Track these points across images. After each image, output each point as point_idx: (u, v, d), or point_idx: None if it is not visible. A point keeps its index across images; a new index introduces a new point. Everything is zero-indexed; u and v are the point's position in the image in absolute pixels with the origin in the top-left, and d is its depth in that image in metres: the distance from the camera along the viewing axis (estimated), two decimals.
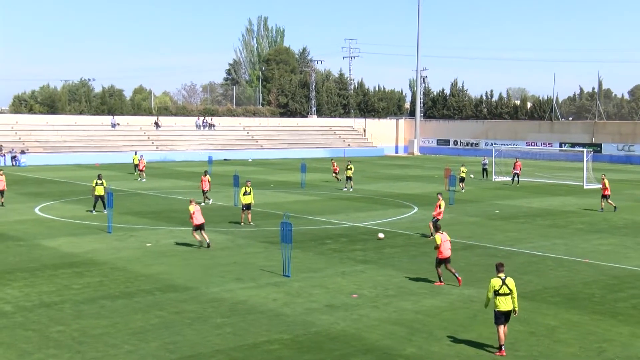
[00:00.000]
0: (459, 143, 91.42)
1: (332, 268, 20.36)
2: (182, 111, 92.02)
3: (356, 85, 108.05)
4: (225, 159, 72.20)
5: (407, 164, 70.80)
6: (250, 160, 73.37)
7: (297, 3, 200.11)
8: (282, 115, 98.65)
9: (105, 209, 28.36)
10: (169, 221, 28.91)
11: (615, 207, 33.29)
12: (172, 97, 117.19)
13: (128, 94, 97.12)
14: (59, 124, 73.50)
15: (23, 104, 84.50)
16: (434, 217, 25.20)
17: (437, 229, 18.82)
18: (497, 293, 13.15)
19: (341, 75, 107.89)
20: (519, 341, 13.76)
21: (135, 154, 55.45)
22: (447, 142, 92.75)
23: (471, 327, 14.72)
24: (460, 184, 41.28)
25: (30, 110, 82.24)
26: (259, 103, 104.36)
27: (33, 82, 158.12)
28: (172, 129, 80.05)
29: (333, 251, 23.00)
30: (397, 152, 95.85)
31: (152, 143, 75.63)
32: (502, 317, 13.18)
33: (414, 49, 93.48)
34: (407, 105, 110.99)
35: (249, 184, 28.70)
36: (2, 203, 32.91)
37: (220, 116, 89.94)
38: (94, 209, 30.84)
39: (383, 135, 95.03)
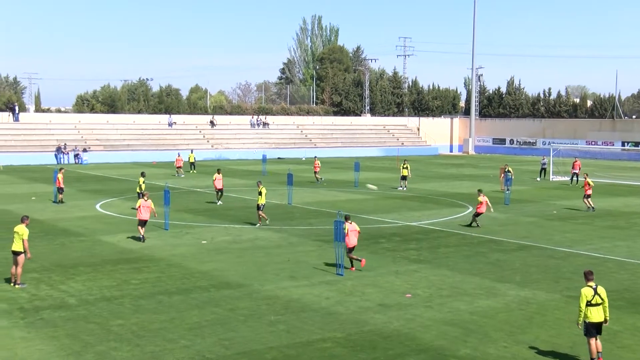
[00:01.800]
0: (515, 142, 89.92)
1: (386, 267, 20.32)
2: (236, 110, 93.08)
3: (410, 83, 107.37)
4: (279, 158, 72.72)
5: (462, 163, 70.01)
6: (303, 159, 73.70)
7: (352, 2, 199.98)
8: (335, 114, 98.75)
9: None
10: (223, 219, 29.30)
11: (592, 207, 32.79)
12: (227, 96, 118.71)
13: (184, 93, 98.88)
14: (119, 123, 75.29)
15: (85, 104, 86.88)
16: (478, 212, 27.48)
17: (346, 218, 19.45)
18: (589, 303, 12.30)
19: (395, 73, 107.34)
20: (578, 345, 13.47)
21: (192, 152, 56.41)
22: (502, 141, 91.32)
23: (528, 330, 14.48)
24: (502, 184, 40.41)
25: (92, 110, 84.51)
26: (313, 102, 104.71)
27: (95, 82, 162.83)
28: (227, 127, 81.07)
29: (386, 250, 22.95)
30: (451, 151, 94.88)
31: (208, 141, 76.73)
32: (594, 330, 12.35)
33: (469, 47, 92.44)
34: (462, 103, 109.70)
35: (260, 184, 28.27)
36: (62, 200, 33.77)
37: (274, 115, 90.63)
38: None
39: (437, 134, 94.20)
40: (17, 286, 17.25)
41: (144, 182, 32.39)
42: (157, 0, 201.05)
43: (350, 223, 19.60)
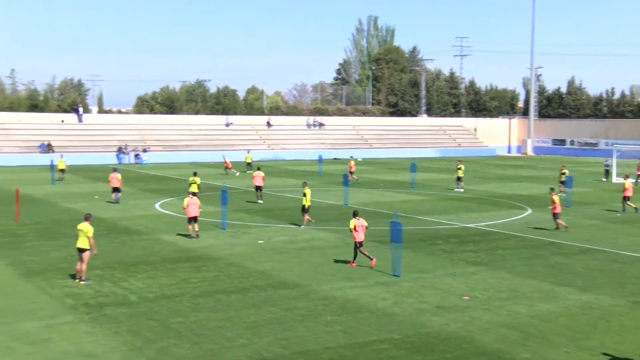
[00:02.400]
0: (575, 143, 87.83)
1: (443, 269, 20.13)
2: (293, 111, 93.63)
3: (467, 84, 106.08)
4: (335, 158, 72.81)
5: (520, 164, 68.78)
6: (359, 159, 73.64)
7: (408, 2, 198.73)
8: (391, 114, 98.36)
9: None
10: (279, 219, 29.50)
11: (636, 208, 31.95)
12: (283, 96, 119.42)
13: (241, 94, 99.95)
14: (177, 124, 76.71)
15: (145, 105, 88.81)
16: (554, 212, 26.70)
17: (354, 214, 20.17)
18: None
19: (452, 74, 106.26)
20: None
21: (248, 153, 57.03)
22: (562, 142, 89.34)
23: (592, 336, 14.11)
24: (562, 186, 39.40)
25: (152, 111, 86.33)
26: (369, 102, 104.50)
27: (154, 84, 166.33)
28: (283, 128, 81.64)
29: (443, 252, 22.73)
30: (509, 152, 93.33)
31: (264, 142, 77.42)
32: None
33: (528, 47, 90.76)
34: (521, 104, 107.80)
35: (305, 185, 28.27)
36: (118, 200, 34.37)
37: (330, 115, 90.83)
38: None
39: (495, 134, 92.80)
40: (81, 282, 17.75)
41: (193, 182, 32.62)
42: (214, 3, 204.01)
43: (358, 219, 20.10)
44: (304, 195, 27.35)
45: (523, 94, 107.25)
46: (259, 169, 36.08)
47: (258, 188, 35.07)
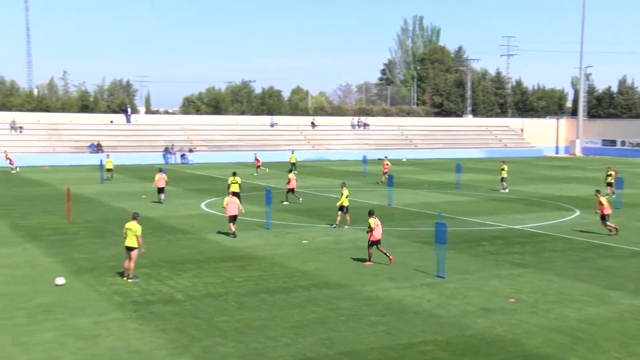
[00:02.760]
0: (627, 144, 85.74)
1: (488, 270, 19.88)
2: (337, 111, 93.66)
3: (514, 83, 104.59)
4: (379, 159, 72.56)
5: (568, 165, 67.50)
6: (404, 160, 73.26)
7: (454, 2, 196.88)
8: (436, 114, 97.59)
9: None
10: (323, 219, 29.53)
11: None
12: (327, 97, 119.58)
13: (286, 94, 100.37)
14: (223, 124, 77.47)
15: (191, 105, 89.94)
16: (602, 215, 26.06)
17: (370, 214, 20.51)
18: None
19: (498, 73, 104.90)
20: None
21: (293, 153, 57.29)
22: (613, 142, 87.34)
23: None
24: (609, 188, 38.43)
25: (198, 111, 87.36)
26: (414, 103, 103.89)
27: (200, 84, 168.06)
28: (327, 128, 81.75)
29: (489, 253, 22.45)
30: (557, 152, 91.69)
31: (309, 142, 77.64)
32: None
33: (577, 45, 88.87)
34: (569, 104, 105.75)
35: (343, 186, 28.10)
36: (160, 200, 34.77)
37: (374, 116, 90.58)
38: None
39: (542, 135, 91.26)
40: (129, 280, 18.07)
41: (232, 182, 32.77)
42: (260, 4, 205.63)
43: (375, 218, 20.48)
44: (342, 195, 27.34)
45: (572, 93, 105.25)
46: (291, 170, 36.19)
47: (291, 190, 35.21)
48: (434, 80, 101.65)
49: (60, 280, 17.80)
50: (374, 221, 20.45)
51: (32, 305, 15.80)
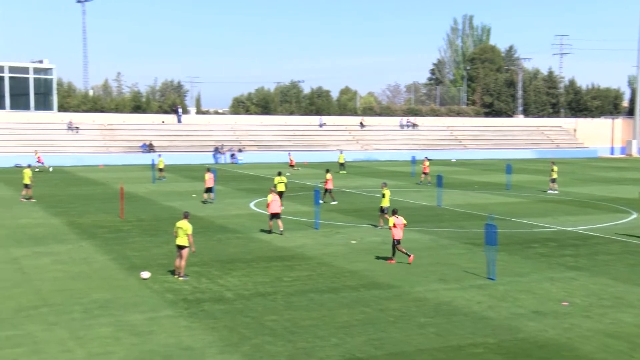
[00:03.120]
0: None
1: (540, 273, 19.55)
2: (386, 111, 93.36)
3: (567, 83, 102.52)
4: (420, 159, 72.07)
5: (624, 166, 65.82)
6: (453, 160, 72.58)
7: (505, 0, 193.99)
8: (486, 115, 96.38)
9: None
10: (372, 219, 29.46)
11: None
12: (376, 97, 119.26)
13: (335, 94, 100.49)
14: (272, 124, 78.00)
15: (241, 106, 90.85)
16: None
17: (393, 212, 20.87)
18: None
19: (550, 73, 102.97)
20: None
21: (341, 153, 57.33)
22: None
23: None
24: None
25: (247, 111, 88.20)
26: (463, 103, 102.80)
27: (250, 85, 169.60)
28: (376, 128, 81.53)
29: (540, 255, 22.07)
30: (612, 153, 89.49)
31: (357, 142, 77.57)
32: None
33: (634, 43, 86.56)
34: (625, 103, 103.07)
35: (384, 186, 27.87)
36: (210, 199, 35.06)
37: (423, 116, 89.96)
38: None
39: (596, 135, 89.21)
40: (180, 278, 18.36)
41: (279, 182, 33.01)
42: (308, 5, 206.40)
43: (397, 217, 20.73)
44: (383, 195, 27.21)
45: (628, 93, 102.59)
46: (328, 171, 36.11)
47: (328, 190, 35.14)
48: (484, 80, 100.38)
49: (145, 274, 18.36)
50: (393, 220, 20.67)
51: (88, 300, 16.21)
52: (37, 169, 52.83)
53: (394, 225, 20.67)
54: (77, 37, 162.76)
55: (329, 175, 35.29)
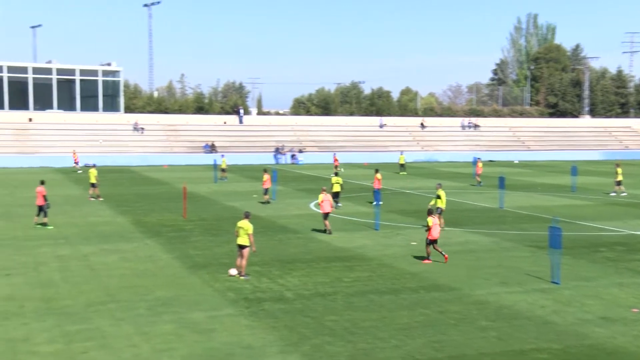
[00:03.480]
0: None
1: (607, 278, 19.00)
2: (447, 112, 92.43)
3: (637, 82, 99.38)
4: (490, 160, 71.00)
5: None
6: (516, 161, 71.27)
7: None
8: (551, 115, 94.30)
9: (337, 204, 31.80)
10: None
11: None
12: (437, 98, 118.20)
13: (395, 95, 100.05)
14: (332, 125, 78.19)
15: (301, 106, 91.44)
16: None
17: (428, 213, 21.10)
18: None
19: (619, 72, 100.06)
20: None
21: (402, 154, 57.03)
22: None
23: None
24: None
25: (308, 112, 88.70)
26: (527, 103, 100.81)
27: (310, 86, 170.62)
28: (436, 129, 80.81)
29: (607, 260, 21.44)
30: None
31: (417, 143, 77.02)
32: None
33: None
34: None
35: (439, 187, 27.59)
36: (269, 200, 35.28)
37: (485, 117, 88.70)
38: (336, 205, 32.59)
39: None
40: (241, 277, 18.60)
41: (335, 182, 33.06)
42: (369, 5, 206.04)
43: (434, 217, 21.03)
44: (438, 197, 26.89)
45: None
46: (377, 171, 35.86)
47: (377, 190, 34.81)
48: (548, 80, 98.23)
49: (233, 271, 18.84)
50: (432, 220, 20.81)
51: (152, 298, 16.59)
52: (79, 170, 54.15)
53: (429, 226, 20.78)
54: (143, 39, 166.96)
55: (379, 176, 35.18)
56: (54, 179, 46.66)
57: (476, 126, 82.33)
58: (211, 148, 67.62)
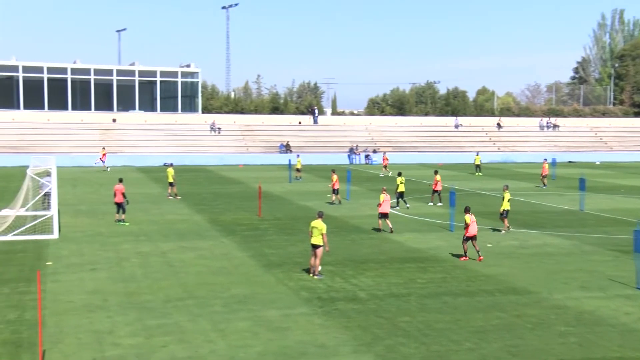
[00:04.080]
0: None
1: None
2: (525, 112, 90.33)
3: None
4: (569, 161, 68.96)
5: None
6: (597, 162, 68.96)
7: None
8: (636, 115, 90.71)
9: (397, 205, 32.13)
10: (509, 223, 28.59)
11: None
12: (515, 97, 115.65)
13: (471, 95, 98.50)
14: (406, 125, 77.64)
15: (376, 107, 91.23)
16: None
17: (466, 211, 21.35)
18: None
19: None
20: None
21: (477, 155, 56.07)
22: None
23: None
24: None
25: (382, 112, 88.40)
26: (610, 102, 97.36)
27: (385, 86, 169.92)
28: (514, 129, 79.07)
29: None
30: None
31: (494, 144, 75.58)
32: None
33: None
34: None
35: (506, 189, 26.95)
36: (333, 202, 35.13)
37: (565, 116, 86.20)
38: (397, 205, 32.80)
39: None
40: (315, 277, 18.74)
41: (400, 182, 32.99)
42: (443, 5, 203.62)
43: (471, 214, 21.25)
44: (504, 199, 26.33)
45: None
46: (437, 172, 35.42)
47: (437, 192, 34.51)
48: (634, 78, 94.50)
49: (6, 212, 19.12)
50: (469, 217, 21.05)
51: (228, 295, 16.93)
52: (107, 168, 54.22)
53: (467, 223, 20.94)
54: (221, 41, 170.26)
55: (438, 177, 34.70)
56: (135, 177, 48.19)
57: (555, 126, 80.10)
58: (286, 148, 68.32)
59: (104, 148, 57.08)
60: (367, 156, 67.99)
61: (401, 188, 32.45)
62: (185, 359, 12.61)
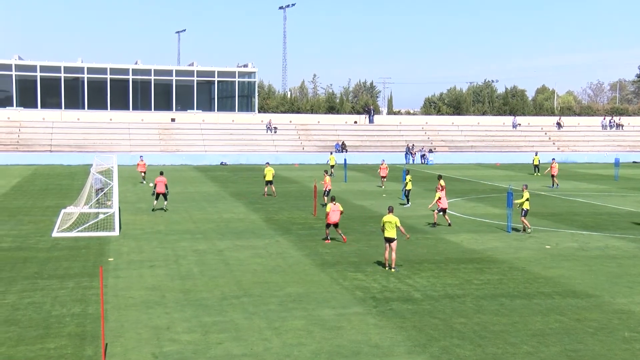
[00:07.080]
0: None
1: None
2: (586, 111, 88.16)
3: None
4: (634, 162, 66.98)
5: None
6: None
7: None
8: None
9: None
10: (569, 224, 27.98)
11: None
12: (576, 96, 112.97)
13: (530, 94, 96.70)
14: (463, 124, 76.71)
15: (432, 106, 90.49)
16: None
17: (331, 199, 23.61)
18: None
19: None
20: None
21: (536, 155, 55.00)
22: None
23: None
24: None
25: (438, 112, 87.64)
26: None
27: (441, 85, 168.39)
28: (574, 129, 77.27)
29: None
30: None
31: (553, 143, 74.01)
32: None
33: None
34: None
35: (525, 188, 26.81)
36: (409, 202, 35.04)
37: (629, 116, 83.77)
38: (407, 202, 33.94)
39: None
40: (392, 270, 19.22)
41: (410, 181, 34.18)
42: (501, 4, 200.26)
43: (334, 204, 23.25)
44: (522, 197, 25.91)
45: None
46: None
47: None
48: None
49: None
50: (330, 206, 23.14)
51: (283, 293, 17.04)
52: (144, 181, 43.57)
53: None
54: (278, 41, 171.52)
55: (442, 182, 33.90)
56: (192, 176, 48.91)
57: (619, 126, 77.86)
58: (342, 147, 68.34)
59: (141, 157, 45.93)
60: (423, 156, 67.48)
61: (409, 186, 34.01)
62: (240, 356, 12.74)
